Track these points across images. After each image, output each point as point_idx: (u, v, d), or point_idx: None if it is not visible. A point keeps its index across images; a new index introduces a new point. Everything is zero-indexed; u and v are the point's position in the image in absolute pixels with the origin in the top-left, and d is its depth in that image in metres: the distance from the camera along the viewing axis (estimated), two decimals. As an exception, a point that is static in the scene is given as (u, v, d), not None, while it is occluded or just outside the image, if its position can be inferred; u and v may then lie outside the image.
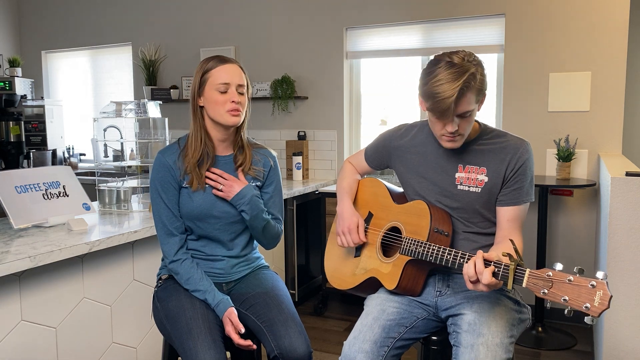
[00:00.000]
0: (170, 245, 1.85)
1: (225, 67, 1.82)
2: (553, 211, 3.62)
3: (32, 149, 4.98)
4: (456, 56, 1.57)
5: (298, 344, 1.73)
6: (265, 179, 1.96)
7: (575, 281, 1.31)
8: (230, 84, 1.80)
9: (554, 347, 3.26)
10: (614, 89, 3.43)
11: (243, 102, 1.84)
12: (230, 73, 1.81)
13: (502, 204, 1.72)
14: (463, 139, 1.68)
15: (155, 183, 1.85)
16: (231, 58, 1.87)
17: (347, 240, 1.88)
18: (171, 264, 1.85)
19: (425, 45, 3.94)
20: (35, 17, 5.57)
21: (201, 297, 1.81)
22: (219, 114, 1.81)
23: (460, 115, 1.59)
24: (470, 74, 1.54)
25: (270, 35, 4.45)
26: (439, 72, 1.55)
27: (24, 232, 2.20)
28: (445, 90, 1.53)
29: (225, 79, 1.80)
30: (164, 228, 1.85)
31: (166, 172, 1.84)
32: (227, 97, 1.80)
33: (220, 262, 1.91)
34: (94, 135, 2.92)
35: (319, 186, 3.98)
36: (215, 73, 1.81)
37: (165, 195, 1.84)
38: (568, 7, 3.49)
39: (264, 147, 2.01)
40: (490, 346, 1.55)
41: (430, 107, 1.60)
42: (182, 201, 1.85)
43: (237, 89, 1.82)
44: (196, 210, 1.84)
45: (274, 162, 1.99)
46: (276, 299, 1.85)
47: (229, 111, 1.80)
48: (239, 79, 1.83)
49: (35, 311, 1.98)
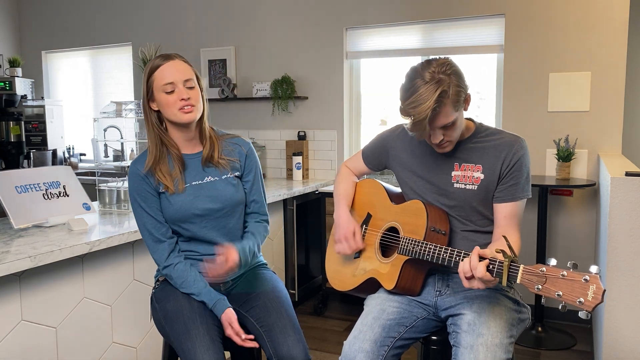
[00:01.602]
0: (160, 252, 1.83)
1: (167, 65, 1.76)
2: (553, 211, 3.62)
3: (32, 149, 4.98)
4: (427, 72, 1.59)
5: (296, 352, 1.72)
6: (244, 168, 1.93)
7: (569, 276, 1.32)
8: (175, 82, 1.75)
9: (554, 347, 3.26)
10: (614, 89, 3.43)
11: (194, 96, 1.78)
12: (172, 71, 1.76)
13: (499, 200, 1.73)
14: (452, 144, 1.72)
15: (133, 194, 1.83)
16: (173, 54, 1.81)
17: (345, 248, 1.89)
18: (165, 269, 1.84)
19: (425, 45, 3.94)
20: (35, 17, 5.57)
21: (197, 299, 1.80)
22: (173, 114, 1.78)
23: (442, 127, 1.63)
24: (442, 91, 1.57)
25: (270, 35, 4.45)
26: (413, 92, 1.59)
27: (24, 232, 2.20)
28: (419, 112, 1.57)
29: (168, 79, 1.75)
30: (150, 236, 1.83)
31: (141, 181, 1.82)
32: (176, 96, 1.76)
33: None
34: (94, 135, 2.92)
35: (319, 186, 3.98)
36: (158, 75, 1.77)
37: (145, 204, 1.82)
38: (568, 7, 3.49)
39: (236, 136, 1.97)
40: (489, 346, 1.56)
41: (409, 127, 1.64)
42: (163, 206, 1.83)
43: (185, 84, 1.77)
44: (177, 212, 1.82)
45: (248, 149, 1.94)
46: (276, 302, 1.84)
47: (180, 109, 1.76)
48: (183, 74, 1.77)
49: (35, 311, 1.98)
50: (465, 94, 1.65)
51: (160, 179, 1.81)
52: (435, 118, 1.59)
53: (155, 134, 1.82)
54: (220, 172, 1.88)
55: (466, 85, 1.65)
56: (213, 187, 1.85)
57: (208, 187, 1.85)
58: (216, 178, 1.87)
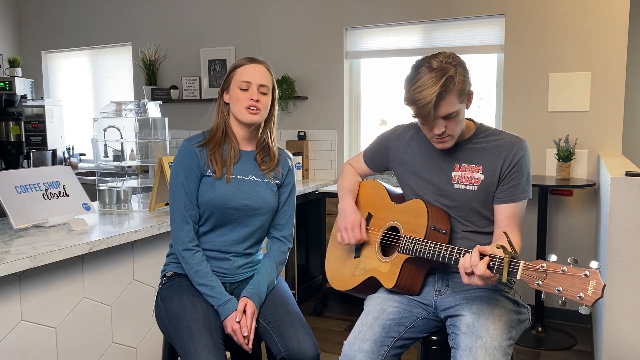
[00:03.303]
0: (185, 233, 1.85)
1: (251, 66, 1.87)
2: (553, 211, 3.62)
3: (32, 149, 4.98)
4: (435, 60, 1.60)
5: (307, 345, 1.74)
6: (284, 180, 1.99)
7: (569, 271, 1.32)
8: (252, 83, 1.85)
9: (554, 347, 3.26)
10: (614, 89, 3.43)
11: (264, 101, 1.87)
12: (254, 72, 1.86)
13: (499, 201, 1.73)
14: (453, 139, 1.70)
15: (178, 168, 1.86)
16: (260, 59, 1.92)
17: (349, 237, 1.87)
18: (185, 251, 1.84)
19: (425, 45, 3.94)
20: (35, 17, 5.57)
21: (208, 292, 1.81)
22: (238, 111, 1.86)
23: (445, 117, 1.62)
24: (449, 76, 1.57)
25: (270, 35, 4.45)
26: (419, 78, 1.59)
27: (24, 232, 2.20)
28: (424, 96, 1.57)
29: (247, 77, 1.85)
30: (180, 214, 1.85)
31: (191, 159, 1.86)
32: (248, 95, 1.85)
33: (227, 262, 1.90)
34: (94, 135, 2.92)
35: (319, 186, 3.98)
36: (240, 71, 1.87)
37: (187, 181, 1.85)
38: (568, 7, 3.49)
39: (282, 149, 2.04)
40: (488, 349, 1.55)
41: (414, 114, 1.64)
42: (204, 189, 1.86)
43: (259, 88, 1.86)
44: (217, 199, 1.84)
45: (292, 164, 2.03)
46: (282, 300, 1.86)
47: (247, 108, 1.84)
48: (262, 79, 1.87)
49: (35, 311, 1.98)
50: (469, 88, 1.65)
51: (212, 162, 1.86)
52: (440, 104, 1.58)
53: (222, 121, 1.91)
54: (263, 176, 1.93)
55: (470, 80, 1.65)
56: (255, 187, 1.90)
57: (250, 185, 1.90)
58: (259, 179, 1.92)
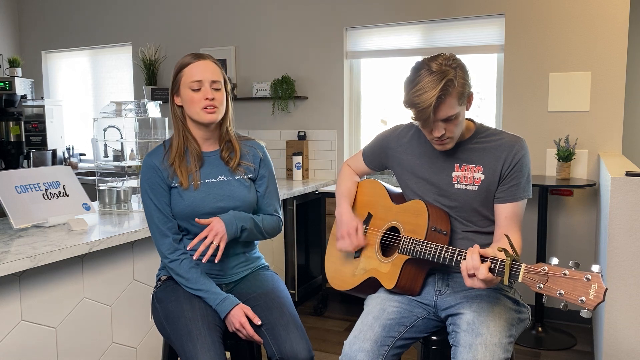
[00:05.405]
0: (166, 246, 1.84)
1: (198, 63, 1.79)
2: (553, 211, 3.62)
3: (32, 149, 4.98)
4: (435, 62, 1.60)
5: (300, 348, 1.72)
6: (258, 172, 1.95)
7: (571, 275, 1.32)
8: (203, 81, 1.78)
9: (554, 347, 3.26)
10: (614, 89, 3.43)
11: (219, 97, 1.81)
12: (203, 69, 1.79)
13: (500, 201, 1.73)
14: (453, 141, 1.70)
15: (144, 185, 1.84)
16: (205, 54, 1.84)
17: (347, 244, 1.88)
18: (170, 263, 1.83)
19: (425, 45, 3.94)
20: (35, 17, 5.57)
21: (204, 295, 1.79)
22: (195, 112, 1.80)
23: (445, 120, 1.62)
24: (448, 79, 1.57)
25: (270, 36, 4.45)
26: (419, 81, 1.59)
27: (24, 232, 2.20)
28: (424, 100, 1.57)
29: (197, 76, 1.78)
30: (157, 229, 1.84)
31: (154, 174, 1.83)
32: (201, 95, 1.78)
33: (219, 263, 1.88)
34: (94, 135, 2.92)
35: (319, 186, 3.98)
36: (187, 71, 1.79)
37: (155, 196, 1.83)
38: (568, 7, 3.49)
39: (251, 139, 1.99)
40: (488, 346, 1.56)
41: (413, 116, 1.64)
42: (173, 201, 1.84)
43: (211, 85, 1.79)
44: (187, 208, 1.82)
45: (262, 153, 1.97)
46: (277, 301, 1.84)
47: (203, 108, 1.78)
48: (212, 74, 1.80)
49: (35, 311, 1.98)
50: (469, 90, 1.65)
51: (176, 173, 1.82)
52: (440, 107, 1.58)
53: (179, 127, 1.85)
54: (233, 173, 1.89)
55: (470, 82, 1.65)
56: (226, 187, 1.87)
57: (220, 186, 1.86)
58: (229, 178, 1.88)
